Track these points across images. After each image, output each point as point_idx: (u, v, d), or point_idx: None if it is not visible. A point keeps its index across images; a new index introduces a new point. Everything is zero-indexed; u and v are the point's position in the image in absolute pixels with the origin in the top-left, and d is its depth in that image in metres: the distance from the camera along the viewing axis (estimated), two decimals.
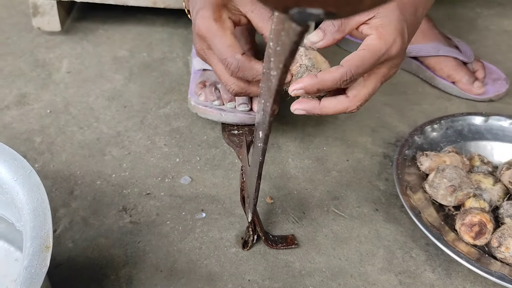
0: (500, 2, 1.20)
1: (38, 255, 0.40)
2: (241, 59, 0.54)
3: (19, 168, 0.48)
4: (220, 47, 0.54)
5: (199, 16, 0.55)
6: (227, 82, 0.57)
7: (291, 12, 0.22)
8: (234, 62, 0.54)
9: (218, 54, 0.55)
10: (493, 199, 0.65)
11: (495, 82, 0.89)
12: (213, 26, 0.54)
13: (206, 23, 0.54)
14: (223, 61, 0.54)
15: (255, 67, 0.54)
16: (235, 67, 0.54)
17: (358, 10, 0.21)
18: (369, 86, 0.56)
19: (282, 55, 0.28)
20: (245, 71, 0.54)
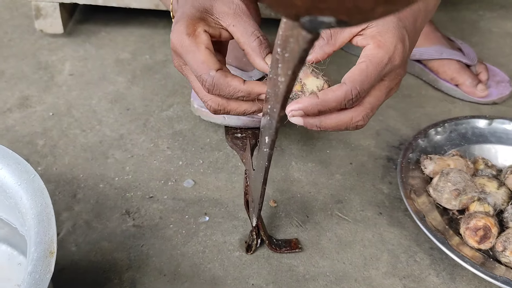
0: (503, 4, 1.20)
1: (43, 260, 0.40)
2: (216, 75, 0.49)
3: (23, 172, 0.47)
4: (193, 63, 0.50)
5: (173, 30, 0.52)
6: (204, 99, 0.53)
7: (302, 20, 0.22)
8: (209, 79, 0.49)
9: (193, 71, 0.51)
10: (498, 203, 0.64)
11: (498, 84, 0.89)
12: (185, 41, 0.50)
13: (179, 38, 0.51)
14: (198, 78, 0.50)
15: (231, 83, 0.50)
16: (210, 84, 0.50)
17: (369, 18, 0.21)
18: (374, 95, 0.51)
19: (291, 62, 0.28)
20: (221, 88, 0.50)
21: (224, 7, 0.52)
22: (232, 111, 0.52)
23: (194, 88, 0.54)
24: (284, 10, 0.21)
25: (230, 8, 0.52)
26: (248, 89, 0.50)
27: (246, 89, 0.50)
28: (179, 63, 0.54)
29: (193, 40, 0.50)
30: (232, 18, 0.51)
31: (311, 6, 0.20)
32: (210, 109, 0.53)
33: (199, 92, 0.53)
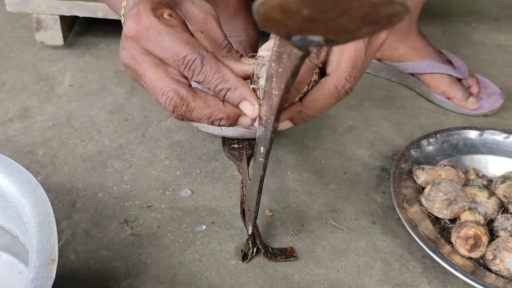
0: (496, 17, 1.22)
1: (44, 268, 0.41)
2: (207, 55, 0.41)
3: (25, 182, 0.49)
4: (173, 45, 0.41)
5: (130, 15, 0.42)
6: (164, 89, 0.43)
7: (293, 38, 0.23)
8: (198, 58, 0.41)
9: (169, 54, 0.41)
10: (488, 212, 0.66)
11: (489, 97, 0.91)
12: (154, 22, 0.41)
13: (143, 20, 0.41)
14: (178, 61, 0.41)
15: (223, 69, 0.42)
16: (198, 65, 0.41)
17: (356, 38, 0.23)
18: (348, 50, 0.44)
19: (283, 77, 0.30)
20: (209, 71, 0.41)
21: (194, 9, 0.45)
22: (195, 110, 0.43)
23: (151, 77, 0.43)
24: (277, 29, 0.22)
25: (201, 11, 0.45)
26: (239, 82, 0.42)
27: (236, 81, 0.42)
28: (134, 53, 0.43)
29: (165, 22, 0.42)
30: (201, 23, 0.45)
31: (302, 27, 0.22)
32: (168, 104, 0.43)
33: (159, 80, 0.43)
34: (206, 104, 0.43)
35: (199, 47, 0.42)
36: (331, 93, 0.44)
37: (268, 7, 0.20)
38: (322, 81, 0.45)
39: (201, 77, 0.42)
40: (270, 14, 0.20)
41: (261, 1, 0.20)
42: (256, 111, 0.42)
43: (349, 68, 0.44)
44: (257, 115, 0.43)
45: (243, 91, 0.42)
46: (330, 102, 0.45)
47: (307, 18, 0.21)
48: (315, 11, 0.20)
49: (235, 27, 0.85)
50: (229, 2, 0.82)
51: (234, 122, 0.44)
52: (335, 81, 0.44)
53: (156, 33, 0.41)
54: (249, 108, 0.43)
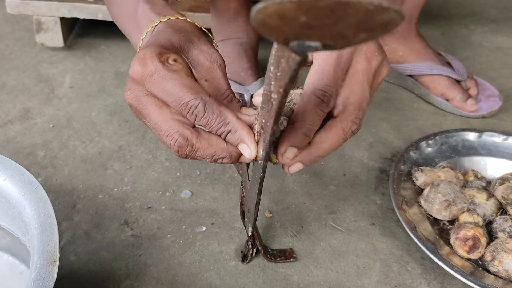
0: (494, 19, 1.23)
1: (46, 268, 0.41)
2: (209, 100, 0.42)
3: (26, 183, 0.49)
4: (176, 90, 0.42)
5: (140, 56, 0.43)
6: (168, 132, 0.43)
7: (291, 44, 0.24)
8: (201, 103, 0.42)
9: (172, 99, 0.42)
10: (487, 214, 0.66)
11: (488, 99, 0.91)
12: (159, 67, 0.42)
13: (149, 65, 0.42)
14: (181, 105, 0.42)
15: (225, 112, 0.43)
16: (200, 110, 0.42)
17: (352, 43, 0.23)
18: (354, 92, 0.45)
19: (282, 81, 0.30)
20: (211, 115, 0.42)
21: (201, 57, 0.46)
22: (199, 150, 0.44)
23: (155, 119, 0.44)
24: (274, 35, 0.23)
25: (207, 59, 0.46)
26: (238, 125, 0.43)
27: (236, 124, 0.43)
28: (138, 94, 0.44)
29: (169, 67, 0.43)
30: (206, 71, 0.45)
31: (299, 32, 0.22)
32: (173, 145, 0.44)
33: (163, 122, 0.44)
34: (210, 144, 0.44)
35: (202, 92, 0.43)
36: (338, 135, 0.46)
37: (265, 14, 0.20)
38: (330, 123, 0.46)
39: (203, 121, 0.43)
40: (268, 21, 0.21)
41: (258, 8, 0.20)
42: (253, 153, 0.44)
43: (355, 111, 0.45)
44: (254, 156, 0.44)
45: (242, 134, 0.43)
46: (337, 143, 0.46)
47: (304, 24, 0.21)
48: (311, 18, 0.20)
49: (236, 29, 0.86)
50: (230, 4, 0.83)
51: (236, 160, 0.46)
52: (343, 124, 0.45)
53: (160, 77, 0.42)
54: (246, 150, 0.44)
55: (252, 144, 0.44)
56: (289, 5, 0.20)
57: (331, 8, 0.20)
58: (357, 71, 0.46)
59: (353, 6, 0.20)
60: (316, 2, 0.20)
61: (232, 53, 0.84)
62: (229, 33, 0.86)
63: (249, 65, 0.82)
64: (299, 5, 0.20)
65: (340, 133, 0.46)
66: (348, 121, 0.45)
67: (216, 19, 0.87)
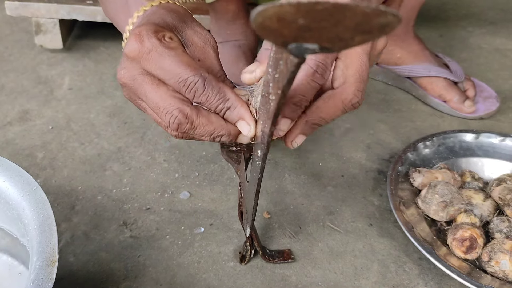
0: (492, 21, 1.23)
1: (45, 269, 0.42)
2: (208, 77, 0.42)
3: (25, 184, 0.49)
4: (174, 67, 0.42)
5: (133, 34, 0.42)
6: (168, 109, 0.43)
7: (289, 46, 0.24)
8: (200, 80, 0.41)
9: (170, 76, 0.42)
10: (484, 215, 0.66)
11: (486, 100, 0.92)
12: (156, 44, 0.42)
13: (145, 42, 0.42)
14: (180, 82, 0.42)
15: (224, 89, 0.43)
16: (200, 86, 0.42)
17: (350, 45, 0.24)
18: (353, 64, 0.44)
19: (280, 82, 0.30)
20: (211, 92, 0.42)
21: (194, 37, 0.46)
22: (198, 127, 0.44)
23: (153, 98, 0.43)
24: (273, 37, 0.23)
25: (201, 39, 0.46)
26: (238, 102, 0.43)
27: (235, 101, 0.43)
28: (134, 73, 0.44)
29: (166, 44, 0.42)
30: (199, 51, 0.46)
31: (297, 35, 0.22)
32: (173, 123, 0.43)
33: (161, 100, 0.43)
34: (209, 121, 0.44)
35: (200, 69, 0.42)
36: (336, 105, 0.45)
37: (265, 17, 0.21)
38: (329, 94, 0.45)
39: (203, 98, 0.43)
40: (267, 24, 0.21)
41: (258, 11, 0.21)
42: (252, 131, 0.44)
43: (356, 82, 0.44)
44: (253, 134, 0.44)
45: (241, 111, 0.43)
46: (335, 114, 0.45)
47: (303, 27, 0.21)
48: (310, 21, 0.21)
49: (235, 32, 0.86)
50: (228, 7, 0.83)
51: (234, 139, 0.45)
52: (342, 96, 0.44)
53: (157, 54, 0.42)
54: (245, 127, 0.44)
55: (252, 121, 0.43)
56: (288, 8, 0.20)
57: (329, 11, 0.20)
58: None
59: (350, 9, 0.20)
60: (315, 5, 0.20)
61: (230, 55, 0.84)
62: (227, 35, 0.87)
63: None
64: (298, 8, 0.20)
65: (338, 104, 0.45)
66: (349, 93, 0.44)
67: (215, 22, 0.88)
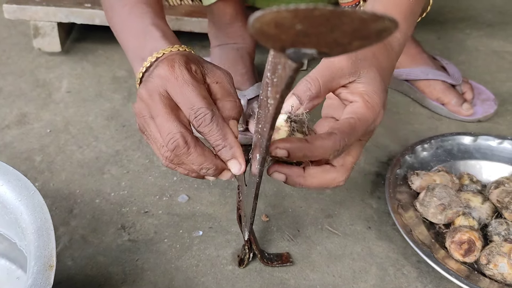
0: (489, 23, 1.24)
1: (42, 273, 0.42)
2: (217, 113, 0.48)
3: (23, 188, 0.49)
4: (193, 95, 0.47)
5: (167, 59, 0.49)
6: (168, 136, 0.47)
7: (287, 51, 0.24)
8: (209, 114, 0.47)
9: (187, 102, 0.47)
10: (482, 217, 0.67)
11: (483, 103, 0.92)
12: (185, 73, 0.48)
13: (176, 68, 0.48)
14: (192, 109, 0.47)
15: (226, 129, 0.48)
16: (209, 120, 0.47)
17: (348, 50, 0.24)
18: (354, 155, 0.51)
19: (278, 87, 0.30)
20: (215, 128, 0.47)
21: (214, 68, 0.52)
22: (191, 155, 0.48)
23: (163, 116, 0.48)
24: (271, 43, 0.23)
25: (220, 70, 0.52)
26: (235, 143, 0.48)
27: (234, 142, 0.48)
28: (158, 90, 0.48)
29: (193, 75, 0.48)
30: (218, 77, 0.51)
31: (295, 40, 0.23)
32: (172, 143, 0.47)
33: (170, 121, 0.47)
34: (203, 153, 0.48)
35: (213, 105, 0.48)
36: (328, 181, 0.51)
37: (262, 22, 0.21)
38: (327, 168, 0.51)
39: (206, 130, 0.48)
40: (265, 29, 0.21)
41: (256, 17, 0.21)
42: (242, 169, 0.49)
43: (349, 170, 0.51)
44: (243, 171, 0.49)
45: (236, 151, 0.48)
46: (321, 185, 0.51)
47: (300, 32, 0.21)
48: (307, 26, 0.21)
49: (232, 34, 0.86)
50: (226, 10, 0.83)
51: (217, 174, 0.50)
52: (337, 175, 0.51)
53: (183, 81, 0.48)
54: (236, 166, 0.49)
55: (243, 160, 0.49)
56: (286, 14, 0.20)
57: (327, 17, 0.20)
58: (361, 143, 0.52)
59: (348, 15, 0.20)
60: (312, 11, 0.20)
61: (228, 58, 0.84)
62: (225, 38, 0.87)
63: (246, 70, 0.83)
64: (296, 14, 0.20)
65: (330, 179, 0.51)
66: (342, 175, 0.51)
67: (213, 25, 0.88)
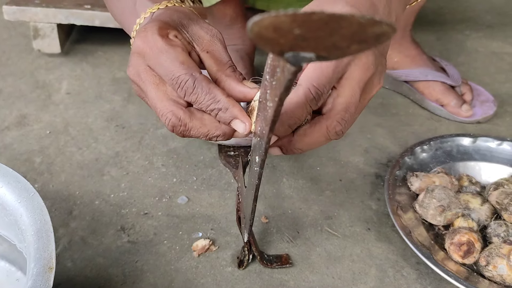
0: (489, 24, 1.24)
1: (42, 275, 0.42)
2: (199, 77, 0.43)
3: (23, 190, 0.49)
4: (169, 64, 0.43)
5: (140, 32, 0.45)
6: (163, 110, 0.45)
7: (286, 55, 0.24)
8: (190, 79, 0.43)
9: (166, 73, 0.44)
10: (481, 219, 0.67)
11: (483, 104, 0.92)
12: (158, 41, 0.44)
13: (149, 38, 0.44)
14: (173, 79, 0.44)
15: (214, 90, 0.44)
16: (190, 86, 0.43)
17: (346, 54, 0.24)
18: (344, 94, 0.45)
19: (277, 90, 0.30)
20: (200, 93, 0.43)
21: (201, 31, 0.48)
22: (192, 129, 0.45)
23: (152, 97, 0.45)
24: (270, 47, 0.23)
25: (207, 33, 0.48)
26: (229, 103, 0.44)
27: (227, 102, 0.44)
28: (139, 69, 0.46)
29: (168, 41, 0.44)
30: (207, 44, 0.47)
31: (294, 44, 0.23)
32: (167, 124, 0.45)
33: (158, 101, 0.45)
34: (203, 123, 0.45)
35: (193, 69, 0.44)
36: (321, 132, 0.46)
37: (261, 27, 0.21)
38: (316, 119, 0.46)
39: (193, 98, 0.44)
40: (263, 33, 0.21)
41: (254, 21, 0.21)
42: (247, 128, 0.44)
43: (342, 111, 0.45)
44: (248, 131, 0.44)
45: (234, 111, 0.44)
46: (319, 140, 0.47)
47: (299, 36, 0.21)
48: (306, 30, 0.21)
49: (232, 36, 0.86)
50: (226, 11, 0.83)
51: (230, 137, 0.46)
52: (327, 122, 0.46)
53: (157, 50, 0.44)
54: (240, 126, 0.45)
55: (246, 118, 0.44)
56: (284, 18, 0.20)
57: (325, 21, 0.20)
58: (351, 77, 0.45)
59: (346, 19, 0.20)
60: (310, 15, 0.20)
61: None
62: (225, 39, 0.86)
63: (245, 71, 0.83)
64: (294, 18, 0.20)
65: (323, 130, 0.46)
66: (333, 120, 0.46)
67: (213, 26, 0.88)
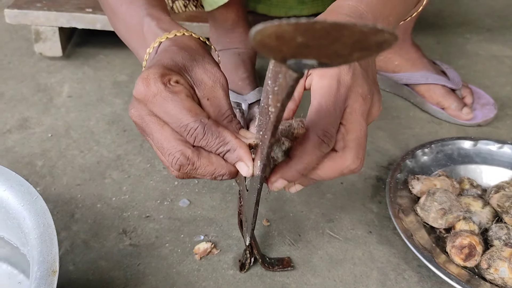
0: (489, 28, 1.24)
1: (45, 279, 0.42)
2: (208, 122, 0.43)
3: (26, 194, 0.49)
4: (175, 112, 0.43)
5: (143, 75, 0.44)
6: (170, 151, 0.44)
7: (288, 62, 0.24)
8: (200, 126, 0.43)
9: (173, 120, 0.44)
10: (483, 222, 0.67)
11: (483, 107, 0.92)
12: (161, 88, 0.43)
13: (152, 84, 0.43)
14: (181, 127, 0.43)
15: (223, 133, 0.44)
16: (200, 132, 0.43)
17: (348, 61, 0.24)
18: (354, 129, 0.47)
19: (279, 95, 0.31)
20: (210, 137, 0.44)
21: (204, 76, 0.47)
22: (200, 168, 0.45)
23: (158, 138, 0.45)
24: (272, 54, 0.23)
25: (210, 79, 0.47)
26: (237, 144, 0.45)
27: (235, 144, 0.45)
28: (142, 113, 0.45)
29: (171, 88, 0.44)
30: (209, 90, 0.47)
31: (296, 52, 0.23)
32: (175, 164, 0.45)
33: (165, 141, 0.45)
34: (210, 162, 0.45)
35: (201, 115, 0.44)
36: (335, 168, 0.47)
37: (264, 35, 0.21)
38: (331, 155, 0.47)
39: (203, 143, 0.44)
40: (266, 41, 0.21)
41: (257, 29, 0.21)
42: (250, 171, 0.45)
43: (356, 148, 0.47)
44: (251, 174, 0.45)
45: (240, 152, 0.45)
46: (332, 175, 0.48)
47: (301, 44, 0.22)
48: (308, 38, 0.21)
49: (234, 40, 0.87)
50: (227, 15, 0.84)
51: (234, 176, 0.47)
52: (343, 161, 0.47)
53: (161, 99, 0.44)
54: (244, 168, 0.45)
55: (250, 162, 0.45)
56: (287, 27, 0.21)
57: (327, 29, 0.20)
58: (354, 110, 0.46)
59: (348, 28, 0.20)
60: (313, 24, 0.20)
61: (230, 63, 0.84)
62: (227, 43, 0.87)
63: (247, 75, 0.83)
64: (297, 26, 0.20)
65: (338, 167, 0.47)
66: (349, 159, 0.47)
67: (215, 30, 0.88)
